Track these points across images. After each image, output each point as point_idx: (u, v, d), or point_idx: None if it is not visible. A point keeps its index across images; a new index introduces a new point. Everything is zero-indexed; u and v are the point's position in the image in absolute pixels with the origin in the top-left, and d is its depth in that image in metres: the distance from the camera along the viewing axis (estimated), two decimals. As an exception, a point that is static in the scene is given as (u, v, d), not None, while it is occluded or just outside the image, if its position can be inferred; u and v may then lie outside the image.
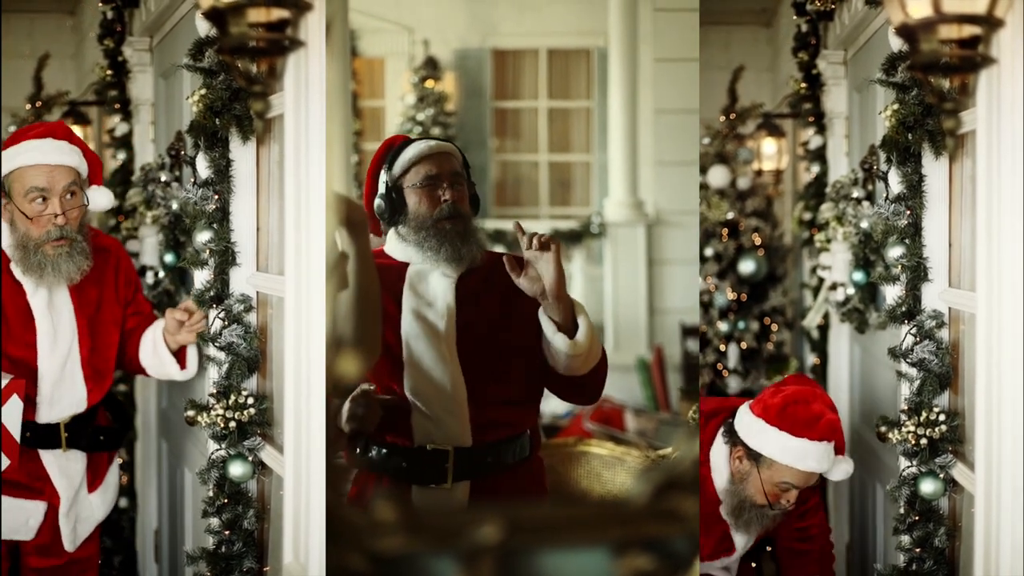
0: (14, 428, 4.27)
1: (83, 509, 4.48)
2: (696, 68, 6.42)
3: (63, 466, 4.42)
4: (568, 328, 3.92)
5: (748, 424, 4.21)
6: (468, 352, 3.96)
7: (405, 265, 4.02)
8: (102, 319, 4.41)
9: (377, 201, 4.03)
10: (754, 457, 4.19)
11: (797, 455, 4.15)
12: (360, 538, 1.93)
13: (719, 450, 4.28)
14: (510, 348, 3.99)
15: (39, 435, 4.37)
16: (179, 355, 4.40)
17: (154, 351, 4.40)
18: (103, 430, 4.49)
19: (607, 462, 4.81)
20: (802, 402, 4.21)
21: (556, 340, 3.92)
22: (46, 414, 4.37)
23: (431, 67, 9.54)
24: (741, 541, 4.36)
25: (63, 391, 4.37)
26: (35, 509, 4.40)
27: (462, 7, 9.74)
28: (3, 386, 4.24)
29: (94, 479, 4.49)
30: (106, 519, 4.78)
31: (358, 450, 4.00)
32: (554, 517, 2.02)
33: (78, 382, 4.38)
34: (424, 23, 9.61)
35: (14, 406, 4.26)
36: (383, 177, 4.03)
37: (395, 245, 4.05)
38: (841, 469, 4.27)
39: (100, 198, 4.38)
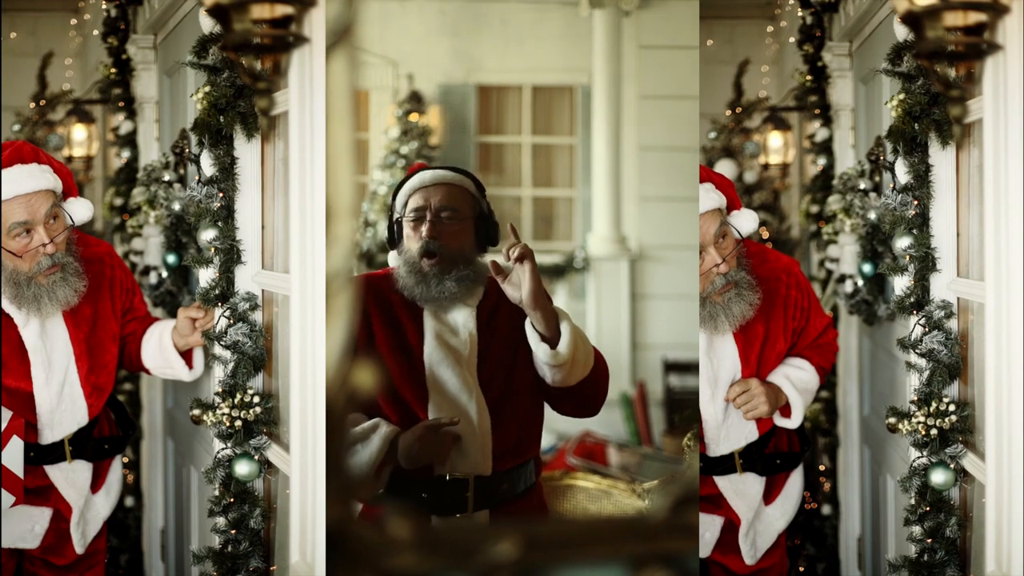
0: (17, 467, 4.24)
1: (88, 510, 4.46)
2: (696, 105, 6.41)
3: (70, 478, 4.39)
4: (552, 338, 3.88)
5: None
6: (488, 379, 3.93)
7: None
8: (99, 336, 4.36)
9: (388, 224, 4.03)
10: None
11: None
12: (371, 556, 1.91)
13: None
14: (521, 369, 3.96)
15: (43, 453, 4.34)
16: (185, 355, 4.38)
17: (160, 352, 4.37)
18: (107, 439, 4.47)
19: (594, 495, 4.81)
20: None
21: (538, 350, 3.89)
22: (48, 436, 4.34)
23: (415, 101, 9.57)
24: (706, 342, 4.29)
25: (63, 414, 4.33)
26: (40, 515, 4.38)
27: (447, 43, 9.76)
28: (3, 427, 4.20)
29: (96, 480, 4.47)
30: (113, 518, 4.77)
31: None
32: (571, 533, 2.00)
33: (78, 401, 4.34)
34: (409, 58, 9.61)
35: (15, 447, 4.23)
36: (392, 204, 4.02)
37: (400, 270, 4.02)
38: (746, 216, 4.24)
39: (80, 210, 4.28)
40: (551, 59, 9.71)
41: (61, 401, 4.31)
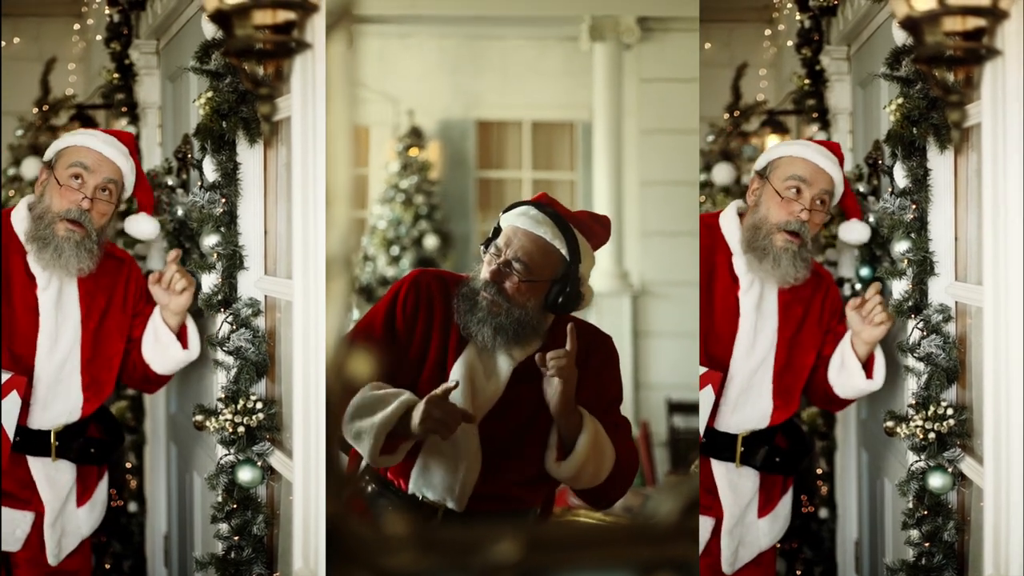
0: (9, 425, 4.23)
1: (69, 523, 4.42)
2: (696, 141, 6.40)
3: (51, 476, 4.36)
4: (567, 447, 3.85)
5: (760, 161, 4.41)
6: (494, 435, 3.89)
7: None
8: (107, 328, 4.36)
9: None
10: (764, 174, 4.28)
11: (796, 147, 4.30)
12: (367, 554, 1.89)
13: (729, 215, 4.37)
14: (545, 430, 3.90)
15: (29, 441, 4.33)
16: (180, 337, 4.35)
17: (155, 338, 4.34)
18: (94, 442, 4.43)
19: (596, 532, 4.79)
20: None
21: (548, 454, 3.88)
22: (38, 418, 4.32)
23: (415, 136, 9.57)
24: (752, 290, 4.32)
25: (57, 395, 4.32)
26: (22, 519, 4.35)
27: (447, 79, 9.75)
28: (4, 381, 4.21)
29: (83, 492, 4.44)
30: (116, 524, 4.77)
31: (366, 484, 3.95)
32: (575, 535, 1.98)
33: (74, 388, 4.33)
34: (409, 94, 9.61)
35: (12, 402, 4.23)
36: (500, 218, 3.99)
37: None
38: (854, 229, 4.41)
39: (143, 223, 4.42)
40: (551, 95, 9.72)
41: (59, 380, 4.30)
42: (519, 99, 9.76)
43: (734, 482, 4.37)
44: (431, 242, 9.49)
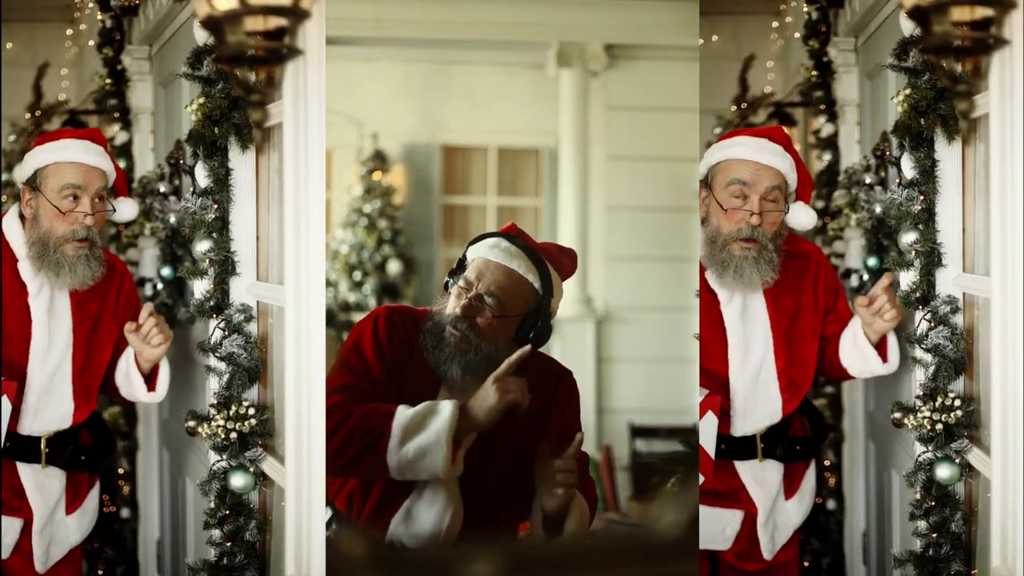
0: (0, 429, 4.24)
1: (58, 531, 4.41)
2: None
3: (40, 482, 4.34)
4: (555, 520, 3.83)
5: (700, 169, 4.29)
6: (474, 478, 3.85)
7: None
8: (98, 337, 4.36)
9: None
10: (708, 184, 4.20)
11: (732, 149, 4.20)
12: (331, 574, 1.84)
13: None
14: (526, 472, 3.86)
15: (19, 447, 4.32)
16: (152, 376, 4.36)
17: (126, 373, 4.36)
18: (85, 450, 4.42)
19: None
20: (745, 133, 4.34)
21: (536, 519, 3.86)
22: (29, 424, 4.31)
23: (379, 160, 9.58)
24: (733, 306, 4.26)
25: (49, 402, 4.31)
26: (11, 525, 4.34)
27: (412, 103, 9.77)
28: None
29: (73, 500, 4.43)
30: (108, 529, 4.77)
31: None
32: (561, 553, 1.91)
33: (65, 396, 4.33)
34: (374, 117, 9.62)
35: (3, 408, 4.22)
36: (465, 251, 3.93)
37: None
38: (804, 212, 4.29)
39: (126, 208, 4.40)
40: (517, 120, 9.75)
41: (51, 388, 4.30)
42: (485, 124, 9.81)
43: (759, 476, 4.36)
44: (394, 268, 9.50)
